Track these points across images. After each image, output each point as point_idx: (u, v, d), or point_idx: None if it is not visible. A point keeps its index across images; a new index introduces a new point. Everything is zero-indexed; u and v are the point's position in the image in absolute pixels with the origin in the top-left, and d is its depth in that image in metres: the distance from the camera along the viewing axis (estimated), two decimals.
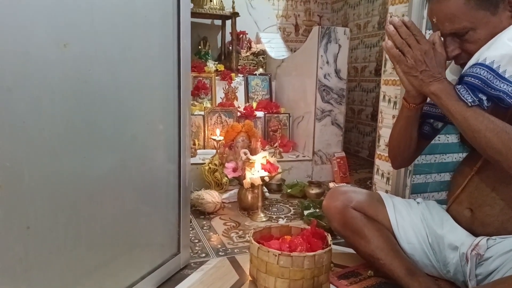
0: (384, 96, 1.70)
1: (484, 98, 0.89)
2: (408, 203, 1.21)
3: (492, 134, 0.85)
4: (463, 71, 0.94)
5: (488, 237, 0.99)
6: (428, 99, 1.03)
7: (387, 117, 1.68)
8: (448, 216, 1.11)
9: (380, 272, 1.19)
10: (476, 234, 1.03)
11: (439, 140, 1.55)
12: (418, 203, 1.21)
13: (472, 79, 0.90)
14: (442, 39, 0.98)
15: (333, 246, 1.14)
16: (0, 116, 0.67)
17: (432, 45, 0.95)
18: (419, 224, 1.14)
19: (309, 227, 1.17)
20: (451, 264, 1.07)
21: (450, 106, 0.91)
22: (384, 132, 1.70)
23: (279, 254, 1.02)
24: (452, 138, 1.55)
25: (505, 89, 0.86)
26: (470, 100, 0.88)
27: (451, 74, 1.07)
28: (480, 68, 0.90)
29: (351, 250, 1.36)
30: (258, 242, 1.09)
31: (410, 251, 1.14)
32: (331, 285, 1.14)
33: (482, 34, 0.93)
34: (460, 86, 0.92)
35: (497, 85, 0.87)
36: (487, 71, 0.88)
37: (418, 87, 0.97)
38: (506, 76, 0.86)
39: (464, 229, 1.06)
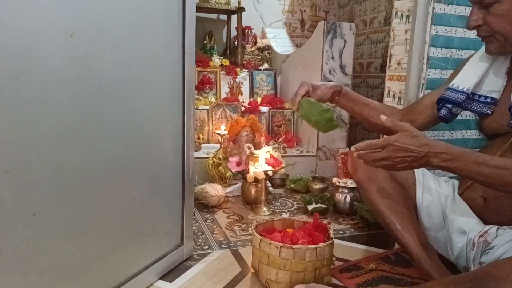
0: (388, 92, 1.69)
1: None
2: (437, 179, 1.21)
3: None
4: None
5: (498, 227, 0.99)
6: (454, 85, 1.11)
7: None
8: (461, 200, 1.11)
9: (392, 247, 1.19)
10: (487, 222, 1.02)
11: (443, 135, 1.54)
12: (445, 181, 1.21)
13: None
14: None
15: (335, 240, 1.15)
16: (7, 103, 0.68)
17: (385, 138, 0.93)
18: (442, 199, 1.14)
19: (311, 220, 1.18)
20: (455, 247, 1.07)
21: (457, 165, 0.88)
22: None
23: (281, 246, 1.02)
24: (456, 135, 1.55)
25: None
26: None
27: (479, 62, 1.08)
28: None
29: (353, 244, 1.37)
30: (261, 235, 1.09)
31: (427, 225, 1.14)
32: (332, 278, 1.15)
33: (505, 8, 0.92)
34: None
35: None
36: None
37: (427, 164, 0.92)
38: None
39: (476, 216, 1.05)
